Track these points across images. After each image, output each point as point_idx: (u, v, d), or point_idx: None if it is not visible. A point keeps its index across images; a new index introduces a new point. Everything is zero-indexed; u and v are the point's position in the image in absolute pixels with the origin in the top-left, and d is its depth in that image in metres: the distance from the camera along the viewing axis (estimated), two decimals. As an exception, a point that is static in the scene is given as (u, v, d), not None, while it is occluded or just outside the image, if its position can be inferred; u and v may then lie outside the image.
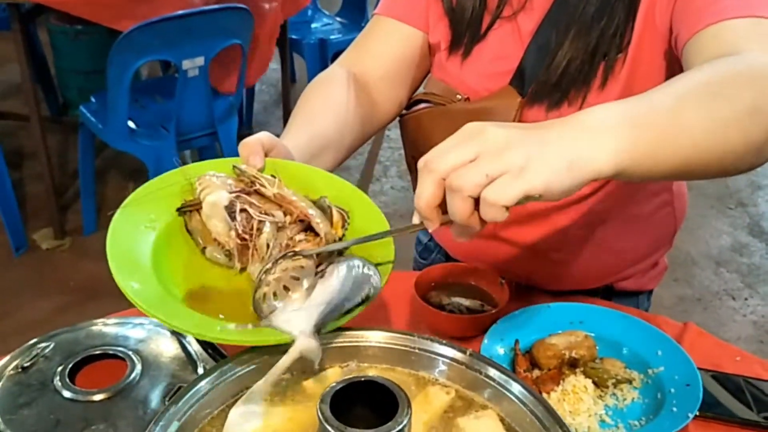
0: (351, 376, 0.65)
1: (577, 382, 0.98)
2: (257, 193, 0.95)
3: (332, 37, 3.80)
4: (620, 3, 1.02)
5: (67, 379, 0.96)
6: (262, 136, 0.99)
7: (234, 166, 0.97)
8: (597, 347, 1.04)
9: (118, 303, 2.77)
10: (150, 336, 1.06)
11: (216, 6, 2.59)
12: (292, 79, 4.19)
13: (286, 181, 0.95)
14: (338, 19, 4.08)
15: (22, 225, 2.99)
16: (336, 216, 0.92)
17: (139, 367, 0.99)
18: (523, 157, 0.65)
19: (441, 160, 0.69)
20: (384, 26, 1.22)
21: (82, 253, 3.01)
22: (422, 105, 1.20)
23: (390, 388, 0.65)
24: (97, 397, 0.94)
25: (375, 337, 0.79)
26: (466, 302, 1.11)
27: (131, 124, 2.70)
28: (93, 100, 2.86)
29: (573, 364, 1.01)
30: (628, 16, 1.02)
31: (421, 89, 1.25)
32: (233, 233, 0.91)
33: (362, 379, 0.65)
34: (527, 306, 1.11)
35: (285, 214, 0.93)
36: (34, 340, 1.04)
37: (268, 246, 0.90)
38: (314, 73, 4.07)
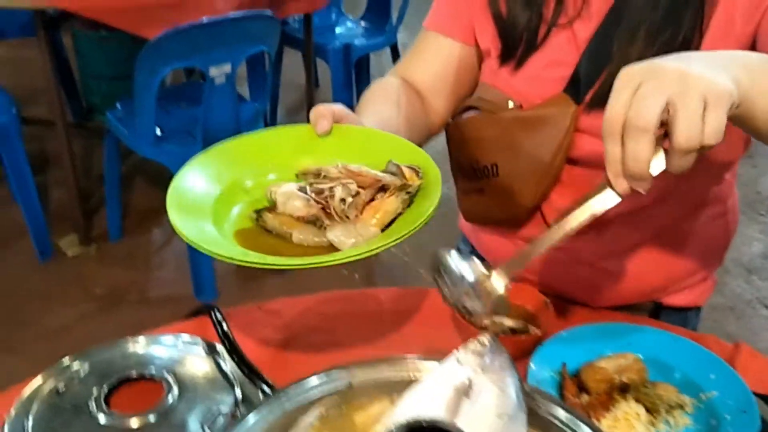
0: (413, 419, 0.62)
1: (629, 409, 0.94)
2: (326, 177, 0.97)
3: (356, 41, 3.76)
4: (688, 11, 0.99)
5: (103, 404, 0.94)
6: (335, 105, 1.02)
7: (297, 174, 0.99)
8: (647, 370, 1.00)
9: (141, 311, 2.76)
10: (183, 355, 1.04)
11: (243, 13, 2.57)
12: (316, 84, 4.16)
13: (354, 146, 0.99)
14: (362, 23, 4.04)
15: (47, 231, 2.98)
16: (407, 172, 0.94)
17: (175, 390, 0.97)
18: (701, 86, 0.66)
19: (645, 114, 0.67)
20: (428, 40, 1.22)
21: (108, 260, 3.00)
22: (471, 112, 1.18)
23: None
24: (134, 423, 0.92)
25: (428, 368, 0.76)
26: (509, 322, 1.08)
27: (157, 130, 2.68)
28: (119, 106, 2.84)
29: (623, 389, 0.97)
30: (695, 23, 1.00)
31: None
32: (312, 201, 0.92)
33: (424, 423, 0.62)
34: (571, 326, 1.08)
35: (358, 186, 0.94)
36: (67, 359, 1.02)
37: (343, 202, 0.91)
38: (338, 78, 4.03)
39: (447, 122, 1.24)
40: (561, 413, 0.69)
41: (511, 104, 1.13)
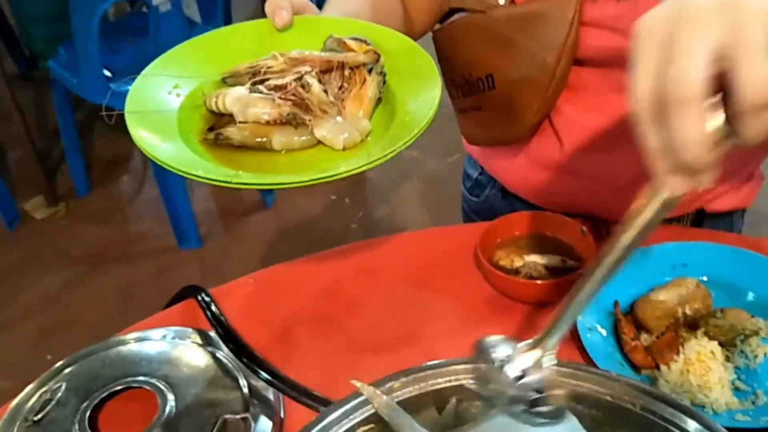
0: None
1: (701, 348, 0.80)
2: (268, 73, 0.86)
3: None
4: None
5: (88, 429, 0.80)
6: None
7: (223, 77, 0.87)
8: (712, 296, 0.86)
9: (125, 269, 2.55)
10: (176, 353, 0.90)
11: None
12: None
13: (316, 38, 0.88)
14: None
15: (10, 196, 2.79)
16: (352, 43, 0.85)
17: (171, 398, 0.83)
18: (757, 11, 0.45)
19: (685, 78, 0.46)
20: None
21: (80, 218, 2.82)
22: (458, 15, 1.00)
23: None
24: (128, 448, 0.78)
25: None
26: (542, 260, 0.93)
27: (106, 72, 2.47)
28: (61, 51, 2.62)
29: (692, 324, 0.83)
30: None
31: None
32: (279, 101, 0.81)
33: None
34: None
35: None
36: (39, 379, 0.87)
37: (326, 93, 0.82)
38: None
39: (432, 29, 1.06)
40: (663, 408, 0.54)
41: (501, 1, 0.95)
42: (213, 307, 0.94)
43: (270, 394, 0.84)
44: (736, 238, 1.00)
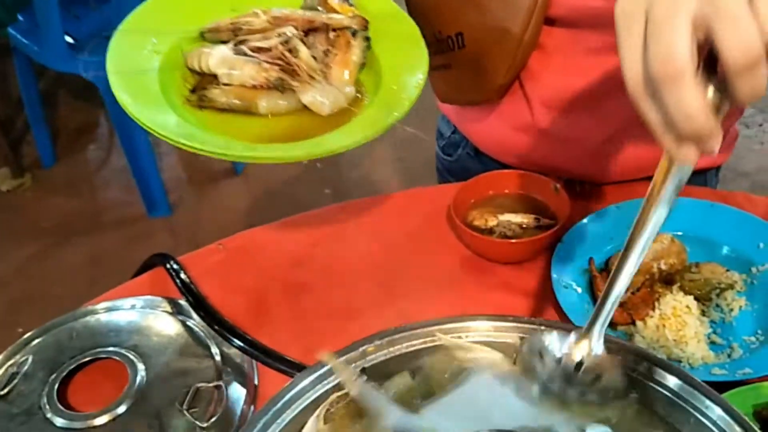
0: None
1: (677, 302, 0.80)
2: (250, 32, 0.83)
3: None
4: None
5: (57, 402, 0.78)
6: None
7: (201, 32, 0.84)
8: (687, 251, 0.86)
9: (95, 239, 2.50)
10: (146, 322, 0.88)
11: None
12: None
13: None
14: None
15: (-27, 169, 2.73)
16: (335, 3, 0.83)
17: (141, 368, 0.81)
18: None
19: (670, 52, 0.46)
20: None
21: (47, 189, 2.77)
22: None
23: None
24: (99, 420, 0.77)
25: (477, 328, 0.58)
26: (516, 218, 0.92)
27: (69, 39, 2.40)
28: (20, 18, 2.53)
29: (667, 280, 0.83)
30: None
31: None
32: (265, 65, 0.79)
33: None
34: (588, 211, 0.92)
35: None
36: (4, 353, 0.84)
37: (315, 59, 0.80)
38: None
39: None
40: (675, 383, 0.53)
41: None
42: (182, 275, 0.92)
43: (243, 361, 0.83)
44: (710, 192, 1.00)
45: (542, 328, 0.55)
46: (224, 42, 0.82)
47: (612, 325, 0.82)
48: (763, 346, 0.78)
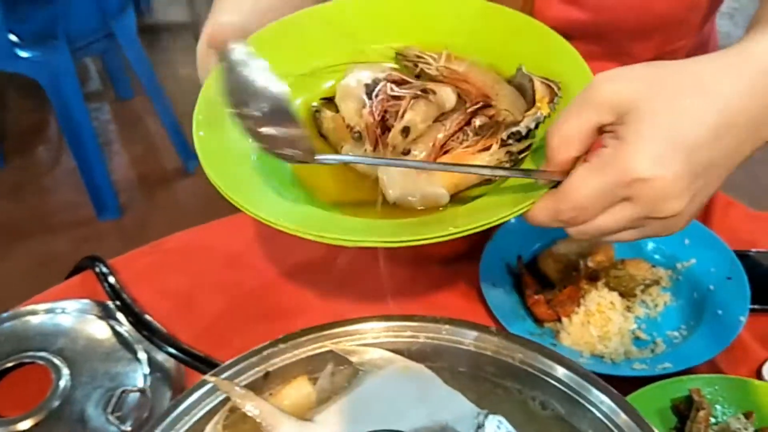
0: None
1: (602, 298, 0.81)
2: (423, 74, 0.72)
3: None
4: None
5: (-23, 410, 0.76)
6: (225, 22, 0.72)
7: (397, 53, 0.74)
8: (614, 248, 0.86)
9: (45, 243, 2.45)
10: (73, 326, 0.87)
11: None
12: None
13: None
14: None
15: None
16: (541, 89, 0.65)
17: (66, 372, 0.80)
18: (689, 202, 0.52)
19: (590, 229, 0.56)
20: None
21: (-7, 193, 2.72)
22: None
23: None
24: (23, 425, 0.76)
25: (368, 330, 0.58)
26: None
27: (13, 37, 2.34)
28: (-39, 16, 2.48)
29: (592, 276, 0.84)
30: None
31: None
32: (366, 111, 0.66)
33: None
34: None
35: (460, 97, 0.68)
36: None
37: (405, 133, 0.64)
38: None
39: None
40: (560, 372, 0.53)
41: None
42: (110, 279, 0.90)
43: (171, 365, 0.82)
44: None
45: (438, 326, 0.54)
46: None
47: (539, 322, 0.82)
48: (685, 341, 0.79)
